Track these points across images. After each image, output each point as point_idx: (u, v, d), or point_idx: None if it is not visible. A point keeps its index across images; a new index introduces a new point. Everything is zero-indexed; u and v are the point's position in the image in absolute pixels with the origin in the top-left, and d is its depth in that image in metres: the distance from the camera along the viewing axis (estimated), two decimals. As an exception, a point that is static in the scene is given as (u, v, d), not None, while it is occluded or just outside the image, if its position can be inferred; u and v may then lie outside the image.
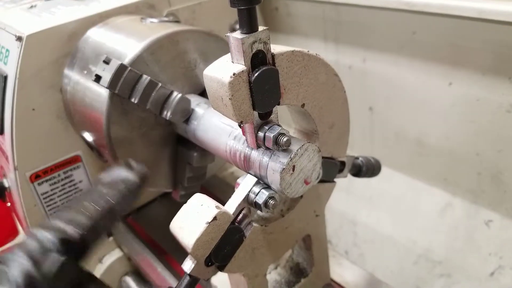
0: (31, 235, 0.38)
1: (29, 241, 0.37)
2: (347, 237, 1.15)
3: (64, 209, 0.41)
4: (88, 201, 0.41)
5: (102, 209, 0.41)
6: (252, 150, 0.48)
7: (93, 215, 0.40)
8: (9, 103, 0.70)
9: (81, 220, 0.40)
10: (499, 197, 0.87)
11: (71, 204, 0.42)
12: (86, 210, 0.40)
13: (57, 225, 0.39)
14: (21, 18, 0.76)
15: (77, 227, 0.39)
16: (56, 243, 0.37)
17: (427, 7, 0.76)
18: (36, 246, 0.37)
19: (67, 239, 0.38)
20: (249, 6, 0.37)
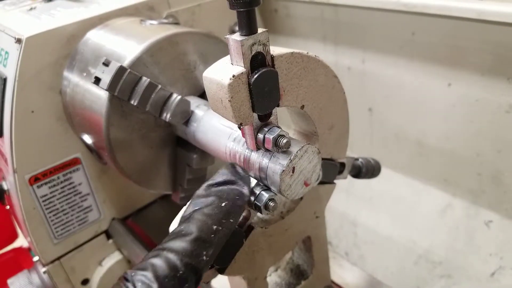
0: (161, 256, 0.37)
1: (159, 263, 0.36)
2: (348, 238, 1.15)
3: (191, 226, 0.39)
4: (215, 223, 0.39)
5: (226, 233, 0.40)
6: (251, 152, 0.48)
7: (217, 242, 0.39)
8: (8, 105, 0.70)
9: (209, 248, 0.38)
10: (499, 198, 0.87)
11: (196, 219, 0.40)
12: (213, 234, 0.39)
13: (186, 249, 0.37)
14: (21, 20, 0.76)
15: (205, 255, 0.38)
16: (184, 270, 0.36)
17: (426, 8, 0.76)
18: (166, 271, 0.35)
19: (194, 266, 0.37)
20: (248, 8, 0.37)
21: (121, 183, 0.85)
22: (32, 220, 0.77)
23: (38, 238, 0.79)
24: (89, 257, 0.89)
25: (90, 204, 0.83)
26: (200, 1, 0.88)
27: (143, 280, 0.34)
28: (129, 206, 0.91)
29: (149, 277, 0.34)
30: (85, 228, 0.85)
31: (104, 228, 0.88)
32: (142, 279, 0.35)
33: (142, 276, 0.35)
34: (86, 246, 0.87)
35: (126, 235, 0.86)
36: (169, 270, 0.35)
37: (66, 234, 0.82)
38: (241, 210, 0.43)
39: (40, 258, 0.82)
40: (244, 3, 0.37)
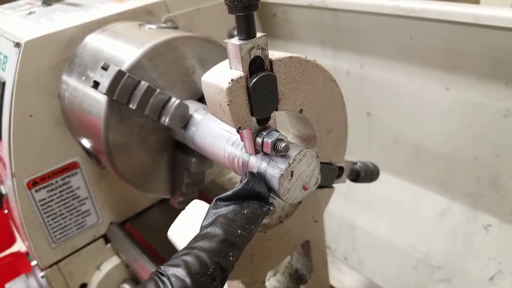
0: (192, 254, 0.38)
1: (191, 260, 0.38)
2: (346, 243, 1.15)
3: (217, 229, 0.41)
4: (239, 228, 0.41)
5: (249, 238, 0.42)
6: (250, 155, 0.48)
7: (241, 245, 0.41)
8: (7, 109, 0.70)
9: (235, 250, 0.40)
10: (498, 202, 0.87)
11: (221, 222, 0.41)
12: (238, 238, 0.41)
13: (215, 249, 0.39)
14: (20, 25, 0.76)
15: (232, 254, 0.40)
16: (214, 268, 0.38)
17: (424, 13, 0.77)
18: (198, 267, 0.37)
19: (222, 266, 0.38)
20: (247, 12, 0.38)
21: (119, 187, 0.85)
22: (30, 224, 0.77)
23: (36, 242, 0.79)
24: (87, 262, 0.88)
25: (89, 208, 0.83)
26: (198, 6, 0.88)
27: (177, 275, 0.36)
28: (127, 210, 0.91)
29: (182, 273, 0.36)
30: (83, 232, 0.85)
31: (102, 232, 0.88)
32: (176, 274, 0.36)
33: (176, 271, 0.36)
34: (84, 250, 0.86)
35: (124, 239, 0.86)
36: (201, 268, 0.37)
37: (64, 238, 0.82)
38: (261, 217, 0.44)
39: (38, 262, 0.82)
40: (243, 7, 0.37)
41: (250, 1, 0.37)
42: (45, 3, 0.87)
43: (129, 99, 0.60)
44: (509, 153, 0.81)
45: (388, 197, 1.05)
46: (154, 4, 0.81)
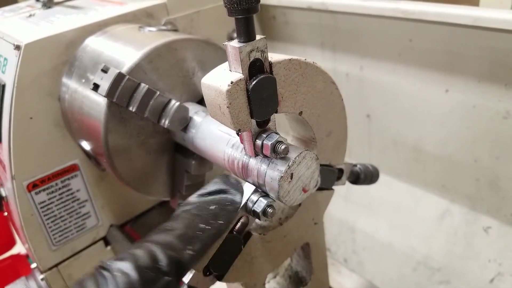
0: (142, 247, 0.35)
1: (140, 253, 0.34)
2: (346, 245, 1.14)
3: (177, 223, 0.38)
4: (202, 222, 0.39)
5: (214, 233, 0.39)
6: (250, 158, 0.48)
7: (204, 239, 0.38)
8: (7, 112, 0.70)
9: (195, 244, 0.37)
10: (498, 204, 0.87)
11: (183, 217, 0.39)
12: (200, 231, 0.38)
13: (170, 242, 0.36)
14: (20, 27, 0.76)
15: (191, 250, 0.37)
16: (166, 262, 0.34)
17: (423, 15, 0.77)
18: (146, 261, 0.34)
19: (178, 259, 0.35)
20: (246, 15, 0.38)
21: (119, 189, 0.85)
22: (30, 226, 0.76)
23: (36, 245, 0.79)
24: (87, 264, 0.88)
25: (88, 210, 0.83)
26: (198, 8, 0.88)
27: (121, 269, 0.33)
28: (127, 212, 0.91)
29: (128, 267, 0.33)
30: (83, 235, 0.84)
31: (102, 234, 0.88)
32: (120, 268, 0.33)
33: (121, 265, 0.33)
34: (84, 253, 0.86)
35: (124, 241, 0.86)
36: (150, 261, 0.34)
37: (64, 240, 0.82)
38: (233, 214, 0.43)
39: (38, 265, 0.82)
40: (243, 10, 0.37)
41: (250, 4, 0.37)
42: (45, 6, 0.87)
43: (129, 101, 0.60)
44: (509, 155, 0.81)
45: (388, 199, 1.05)
46: (154, 6, 0.81)
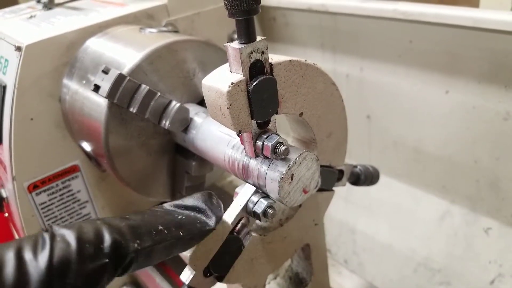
0: (93, 223, 0.34)
1: (88, 227, 0.33)
2: (346, 246, 1.14)
3: (137, 216, 0.37)
4: (162, 225, 0.37)
5: (170, 240, 0.37)
6: (250, 159, 0.48)
7: (157, 240, 0.36)
8: (7, 113, 0.70)
9: (145, 240, 0.35)
10: (498, 205, 0.87)
11: (145, 214, 0.38)
12: (156, 232, 0.36)
13: (120, 228, 0.34)
14: (21, 28, 0.76)
15: (138, 244, 0.35)
16: (109, 244, 0.33)
17: (423, 16, 0.77)
18: (91, 236, 0.32)
19: (122, 247, 0.34)
20: (247, 16, 0.38)
21: (119, 190, 0.85)
22: (31, 227, 0.76)
23: (36, 246, 0.79)
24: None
25: (89, 211, 0.83)
26: (199, 10, 0.88)
27: (64, 237, 0.31)
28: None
29: (71, 236, 0.31)
30: (84, 236, 0.84)
31: (102, 235, 0.88)
32: (64, 235, 0.32)
33: (66, 233, 0.32)
34: (84, 254, 0.86)
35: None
36: (94, 237, 0.32)
37: (64, 241, 0.82)
38: (197, 233, 0.40)
39: (38, 266, 0.82)
40: (243, 11, 0.37)
41: (250, 5, 0.37)
42: (46, 7, 0.87)
43: (130, 102, 0.60)
44: (509, 156, 0.81)
45: (388, 200, 1.05)
46: (155, 8, 0.81)
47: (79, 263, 0.31)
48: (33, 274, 0.29)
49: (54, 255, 0.30)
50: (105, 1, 0.89)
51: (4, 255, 0.29)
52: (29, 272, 0.29)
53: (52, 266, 0.29)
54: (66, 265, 0.30)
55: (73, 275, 0.30)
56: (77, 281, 0.30)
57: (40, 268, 0.29)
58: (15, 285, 0.28)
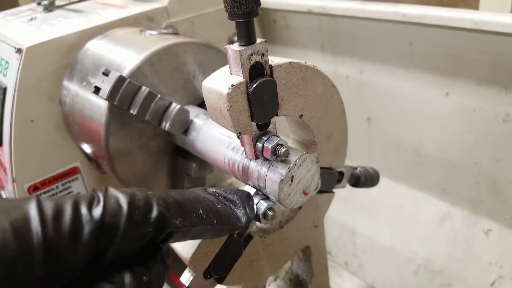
0: (144, 193, 0.35)
1: (140, 195, 0.35)
2: (347, 248, 1.14)
3: (182, 195, 0.39)
4: (202, 210, 0.39)
5: (205, 225, 0.39)
6: (250, 161, 0.48)
7: (194, 223, 0.38)
8: (8, 115, 0.70)
9: (185, 220, 0.37)
10: (498, 207, 0.87)
11: (190, 195, 0.40)
12: (196, 214, 0.38)
13: (166, 201, 0.36)
14: (21, 30, 0.76)
15: (181, 220, 0.36)
16: (156, 216, 0.35)
17: (423, 19, 0.77)
18: (142, 205, 0.34)
19: (165, 221, 0.35)
20: (247, 19, 0.38)
21: (120, 192, 0.85)
22: (31, 229, 0.76)
23: (36, 248, 0.79)
24: (87, 267, 0.88)
25: (89, 213, 0.83)
26: (199, 12, 0.88)
27: (117, 199, 0.33)
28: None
29: (123, 200, 0.34)
30: (84, 238, 0.84)
31: (102, 237, 0.88)
32: (118, 198, 0.34)
33: (120, 196, 0.34)
34: (84, 255, 0.86)
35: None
36: (144, 206, 0.34)
37: (64, 243, 0.82)
38: (228, 226, 0.42)
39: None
40: (243, 14, 0.37)
41: (250, 8, 0.37)
42: (47, 9, 0.88)
43: (130, 104, 0.60)
44: (509, 158, 0.81)
45: (389, 202, 1.05)
46: (155, 10, 0.82)
47: (127, 227, 0.33)
48: (86, 227, 0.31)
49: (106, 214, 0.32)
50: (105, 3, 0.89)
51: (63, 205, 0.31)
52: (83, 224, 0.31)
53: (104, 223, 0.32)
54: (116, 225, 0.32)
55: (120, 235, 0.32)
56: (122, 242, 0.32)
57: (93, 222, 0.31)
58: (70, 233, 0.30)
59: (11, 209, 0.30)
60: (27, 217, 0.29)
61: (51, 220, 0.30)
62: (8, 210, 0.29)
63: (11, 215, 0.29)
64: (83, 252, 0.31)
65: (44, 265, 0.28)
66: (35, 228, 0.29)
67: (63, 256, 0.30)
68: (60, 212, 0.30)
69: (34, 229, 0.29)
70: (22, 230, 0.28)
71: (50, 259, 0.29)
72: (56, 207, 0.31)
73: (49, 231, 0.29)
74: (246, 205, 0.44)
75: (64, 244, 0.30)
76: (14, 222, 0.29)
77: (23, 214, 0.29)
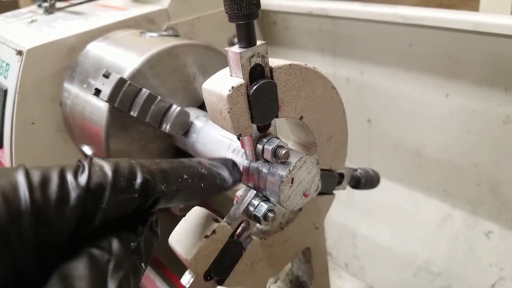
0: (127, 161, 0.36)
1: (123, 163, 0.36)
2: (347, 249, 1.14)
3: (166, 162, 0.40)
4: (187, 175, 0.40)
5: (192, 192, 0.40)
6: (251, 162, 0.48)
7: (180, 187, 0.39)
8: (8, 117, 0.70)
9: (171, 185, 0.38)
10: (499, 208, 0.87)
11: (174, 161, 0.41)
12: (181, 179, 0.39)
13: (150, 169, 0.37)
14: (22, 33, 0.76)
15: (166, 185, 0.38)
16: (141, 181, 0.35)
17: (423, 20, 0.77)
18: (126, 172, 0.35)
19: (150, 188, 0.36)
20: (247, 21, 0.38)
21: (120, 194, 0.85)
22: (31, 231, 0.76)
23: (36, 250, 0.79)
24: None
25: (89, 215, 0.83)
26: (199, 14, 0.89)
27: (102, 167, 0.34)
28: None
29: (107, 168, 0.34)
30: (84, 240, 0.84)
31: (103, 239, 0.88)
32: (102, 166, 0.35)
33: (104, 164, 0.35)
34: (84, 257, 0.86)
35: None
36: (128, 174, 0.35)
37: (64, 245, 0.82)
38: (215, 187, 0.43)
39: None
40: (243, 16, 0.37)
41: (251, 10, 0.37)
42: (47, 11, 0.88)
43: (130, 106, 0.60)
44: (509, 160, 0.81)
45: (389, 203, 1.05)
46: (155, 12, 0.82)
47: (112, 192, 0.34)
48: (72, 193, 0.32)
49: (91, 181, 0.33)
50: (106, 6, 0.89)
51: (49, 173, 0.32)
52: (69, 190, 0.32)
53: (89, 189, 0.33)
54: (101, 191, 0.33)
55: (105, 201, 0.33)
56: (108, 207, 0.33)
57: (79, 188, 0.32)
58: (57, 199, 0.31)
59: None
60: (15, 185, 0.30)
61: (38, 187, 0.31)
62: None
63: (0, 182, 0.30)
64: (70, 218, 0.31)
65: (33, 230, 0.29)
66: (23, 195, 0.30)
67: (51, 222, 0.31)
68: (47, 180, 0.32)
69: (22, 196, 0.30)
70: (11, 196, 0.29)
71: (39, 225, 0.30)
72: (43, 175, 0.32)
73: (37, 198, 0.30)
74: (230, 169, 0.45)
75: (52, 210, 0.31)
76: (3, 189, 0.29)
77: (11, 181, 0.30)
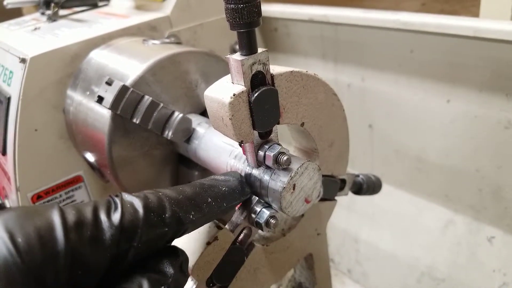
0: (155, 194, 0.37)
1: (152, 197, 0.36)
2: (350, 255, 1.14)
3: (189, 188, 0.40)
4: (211, 197, 0.41)
5: (215, 212, 0.41)
6: (252, 169, 0.48)
7: (206, 214, 0.40)
8: (12, 124, 0.70)
9: (198, 212, 0.39)
10: (501, 213, 0.86)
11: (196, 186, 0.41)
12: (206, 204, 0.40)
13: (177, 199, 0.38)
14: (25, 40, 0.77)
15: (193, 215, 0.38)
16: (170, 214, 0.36)
17: (424, 26, 0.78)
18: (155, 206, 0.36)
19: (180, 218, 0.37)
20: (248, 29, 0.38)
21: (122, 200, 0.85)
22: (34, 238, 0.77)
23: (39, 256, 0.79)
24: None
25: (92, 221, 0.83)
26: (201, 21, 0.89)
27: (132, 204, 0.35)
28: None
29: (138, 204, 0.35)
30: (87, 246, 0.84)
31: (105, 246, 0.88)
32: (132, 202, 0.35)
33: (134, 200, 0.35)
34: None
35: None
36: (158, 208, 0.36)
37: (67, 252, 0.82)
38: (235, 203, 0.44)
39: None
40: (245, 24, 0.38)
41: (252, 18, 0.37)
42: (50, 19, 0.89)
43: (133, 113, 0.61)
44: (511, 164, 0.81)
45: (391, 209, 1.05)
46: (158, 19, 0.82)
47: (145, 229, 0.34)
48: (107, 233, 0.32)
49: (124, 219, 0.33)
50: (108, 13, 0.90)
51: (84, 213, 0.32)
52: (104, 230, 0.32)
53: (123, 228, 0.33)
54: (134, 229, 0.33)
55: (138, 239, 0.34)
56: (141, 245, 0.34)
57: (113, 228, 0.32)
58: (92, 240, 0.31)
59: (35, 217, 0.31)
60: (51, 225, 0.30)
61: (73, 227, 0.31)
62: (32, 217, 0.31)
63: (36, 223, 0.30)
64: (104, 257, 0.32)
65: (68, 271, 0.30)
66: (59, 236, 0.30)
67: (86, 262, 0.31)
68: (81, 219, 0.32)
69: (59, 237, 0.30)
70: (47, 237, 0.29)
71: (74, 265, 0.30)
72: (78, 214, 0.32)
73: (73, 238, 0.30)
74: (243, 180, 0.46)
75: (87, 250, 0.31)
76: (39, 229, 0.30)
77: (47, 221, 0.30)
